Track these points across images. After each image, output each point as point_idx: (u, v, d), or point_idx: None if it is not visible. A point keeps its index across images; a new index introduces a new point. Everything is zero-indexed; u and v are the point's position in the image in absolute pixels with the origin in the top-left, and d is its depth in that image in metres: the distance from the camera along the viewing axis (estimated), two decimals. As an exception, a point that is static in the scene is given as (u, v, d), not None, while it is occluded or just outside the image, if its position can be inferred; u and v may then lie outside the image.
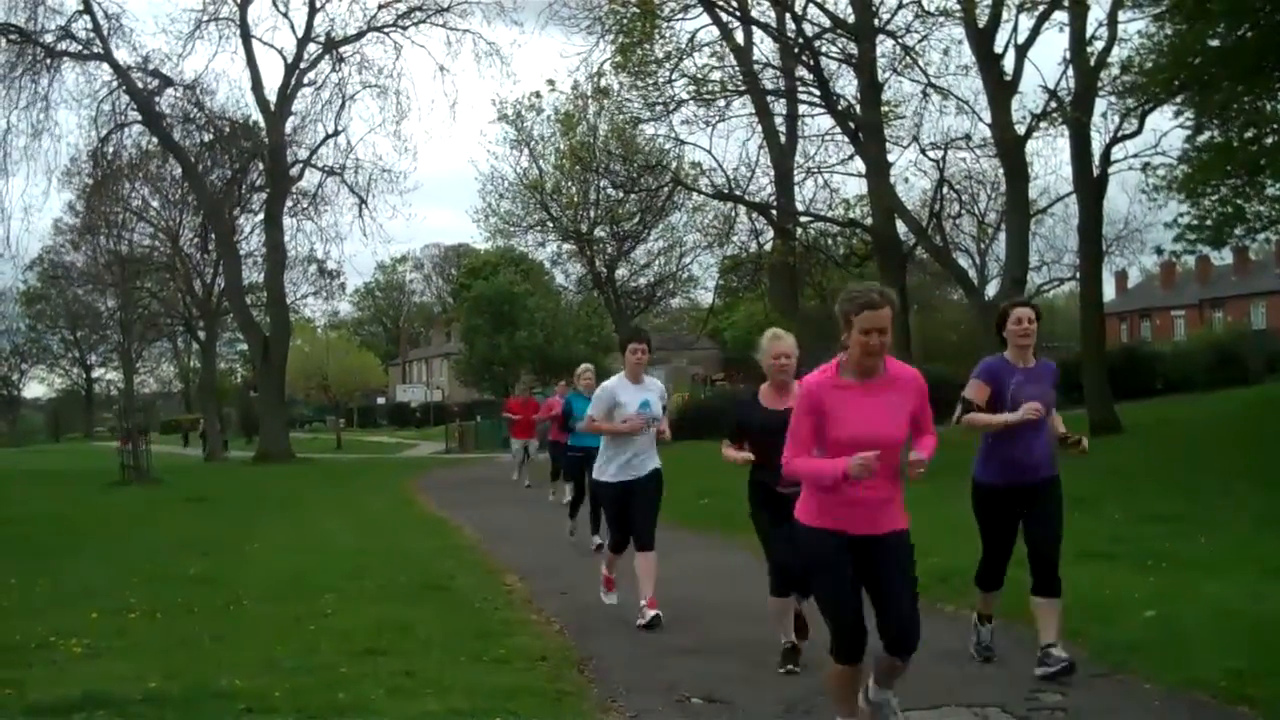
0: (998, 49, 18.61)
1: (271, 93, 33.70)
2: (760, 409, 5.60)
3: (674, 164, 26.31)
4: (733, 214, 26.02)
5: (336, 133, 34.35)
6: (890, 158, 21.33)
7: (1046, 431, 5.26)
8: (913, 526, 4.11)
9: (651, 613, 6.56)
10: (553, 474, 14.88)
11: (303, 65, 33.62)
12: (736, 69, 22.45)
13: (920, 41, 20.70)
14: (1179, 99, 18.59)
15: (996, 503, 5.30)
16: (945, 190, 23.25)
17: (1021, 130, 19.30)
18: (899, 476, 4.05)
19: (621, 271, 36.00)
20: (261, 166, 35.32)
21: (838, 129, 22.59)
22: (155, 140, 34.03)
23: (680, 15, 21.83)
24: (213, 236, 36.75)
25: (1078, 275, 25.19)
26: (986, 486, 5.33)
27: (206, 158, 35.58)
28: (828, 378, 4.02)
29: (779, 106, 24.54)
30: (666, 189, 27.19)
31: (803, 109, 24.25)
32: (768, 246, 24.91)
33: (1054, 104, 19.31)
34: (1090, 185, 19.87)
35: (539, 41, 55.07)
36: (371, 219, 34.99)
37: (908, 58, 20.84)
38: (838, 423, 3.94)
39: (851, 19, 19.99)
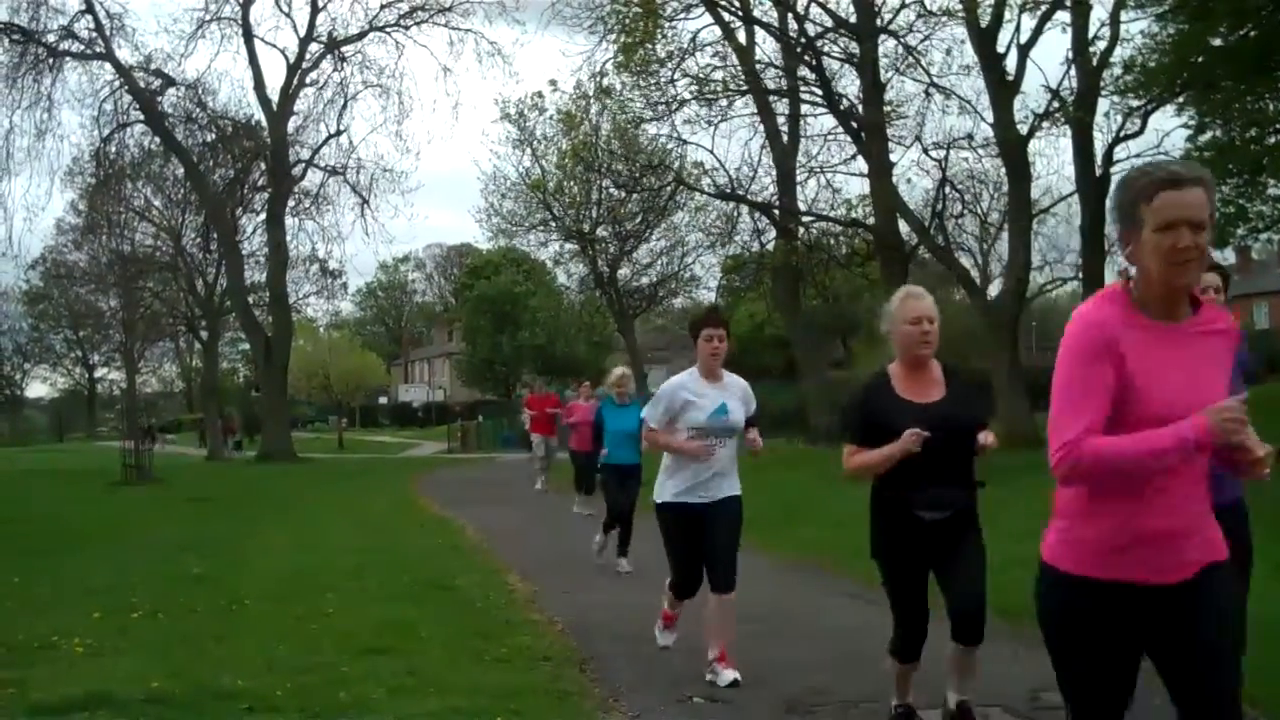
0: (1000, 49, 18.60)
1: (274, 92, 33.79)
2: (897, 400, 4.14)
3: (676, 163, 26.32)
4: (735, 214, 26.03)
5: (339, 132, 34.43)
6: (892, 157, 21.35)
7: None
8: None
9: (730, 674, 5.25)
10: (576, 484, 13.84)
11: (305, 65, 33.66)
12: (739, 69, 22.45)
13: (922, 41, 20.73)
14: (1181, 98, 18.59)
15: None
16: (947, 190, 23.20)
17: (1024, 130, 19.29)
18: (1208, 481, 2.50)
19: (624, 271, 35.98)
20: (263, 166, 35.31)
21: (840, 129, 22.59)
22: (157, 140, 34.02)
23: (682, 15, 21.90)
24: (215, 236, 36.74)
25: (1080, 275, 25.14)
26: None
27: (209, 157, 35.59)
28: (1119, 310, 2.43)
29: (781, 106, 24.52)
30: (669, 189, 27.16)
31: (805, 109, 24.24)
32: (770, 246, 24.89)
33: (1056, 104, 19.30)
34: (1093, 185, 19.84)
35: (541, 41, 55.34)
36: (373, 219, 35.03)
37: (910, 57, 20.86)
38: (1144, 387, 2.39)
39: (854, 19, 20.01)
